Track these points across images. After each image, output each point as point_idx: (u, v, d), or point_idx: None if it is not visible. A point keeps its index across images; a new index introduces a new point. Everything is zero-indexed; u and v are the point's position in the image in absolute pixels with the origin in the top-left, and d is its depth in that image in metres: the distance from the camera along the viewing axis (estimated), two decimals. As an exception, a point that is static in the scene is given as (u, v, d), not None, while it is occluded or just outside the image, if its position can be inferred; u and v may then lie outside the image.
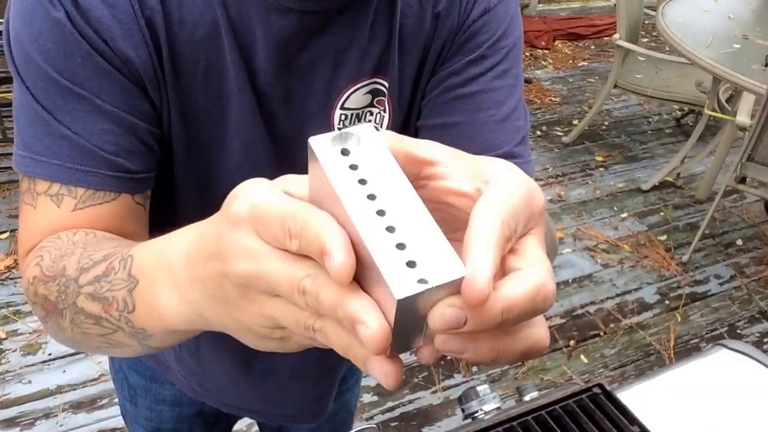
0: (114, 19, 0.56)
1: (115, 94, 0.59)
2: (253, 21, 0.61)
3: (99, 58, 0.57)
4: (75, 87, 0.57)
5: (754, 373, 0.87)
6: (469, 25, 0.68)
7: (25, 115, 0.59)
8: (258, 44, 0.62)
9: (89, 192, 0.59)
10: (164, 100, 0.62)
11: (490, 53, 0.69)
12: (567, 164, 3.44)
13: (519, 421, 0.68)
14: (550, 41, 4.81)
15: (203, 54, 0.61)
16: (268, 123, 0.67)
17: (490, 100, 0.69)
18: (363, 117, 0.71)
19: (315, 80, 0.66)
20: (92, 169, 0.59)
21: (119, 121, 0.59)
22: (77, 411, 1.98)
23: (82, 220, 0.59)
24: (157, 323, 0.46)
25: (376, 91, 0.69)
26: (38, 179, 0.60)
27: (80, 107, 0.58)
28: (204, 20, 0.60)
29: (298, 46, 0.63)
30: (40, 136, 0.58)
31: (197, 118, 0.64)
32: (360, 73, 0.67)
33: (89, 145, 0.58)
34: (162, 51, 0.59)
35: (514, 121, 0.70)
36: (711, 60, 2.52)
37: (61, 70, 0.57)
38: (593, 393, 0.71)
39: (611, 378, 2.24)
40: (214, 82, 0.63)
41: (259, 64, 0.63)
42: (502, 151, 0.68)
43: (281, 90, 0.65)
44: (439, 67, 0.70)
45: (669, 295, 2.62)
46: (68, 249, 0.55)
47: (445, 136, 0.69)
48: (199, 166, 0.68)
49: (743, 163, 2.44)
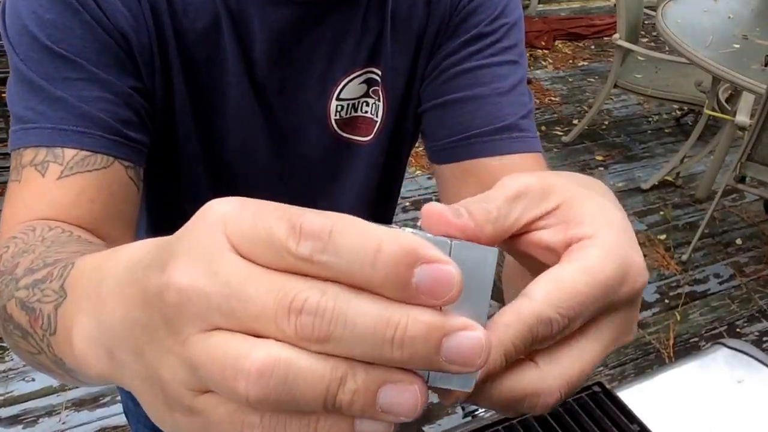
0: (118, 0, 0.57)
1: (111, 66, 0.58)
2: (251, 12, 0.61)
3: (99, 29, 0.56)
4: (70, 54, 0.56)
5: (754, 371, 0.87)
6: (464, 6, 0.68)
7: (17, 89, 0.58)
8: (255, 35, 0.62)
9: (79, 157, 0.56)
10: (159, 86, 0.62)
11: (489, 31, 0.67)
12: (567, 164, 3.44)
13: (519, 420, 0.68)
14: (550, 41, 4.81)
15: (205, 44, 0.62)
16: (266, 114, 0.67)
17: (492, 74, 0.67)
18: (359, 107, 0.71)
19: (310, 71, 0.66)
20: (87, 130, 0.56)
21: (115, 90, 0.58)
22: (80, 409, 1.98)
23: (67, 190, 0.55)
24: (69, 354, 0.34)
25: (370, 80, 0.70)
26: (25, 151, 0.56)
27: (75, 75, 0.56)
28: (205, 10, 0.60)
29: (294, 37, 0.64)
30: (34, 104, 0.56)
31: (201, 107, 0.65)
32: (354, 63, 0.68)
33: (85, 107, 0.56)
34: (168, 39, 0.60)
35: (519, 95, 0.68)
36: (710, 60, 2.52)
37: (57, 39, 0.56)
38: (593, 391, 0.71)
39: (611, 377, 2.25)
40: (215, 72, 0.64)
41: (256, 56, 0.64)
42: (508, 122, 0.66)
43: (277, 81, 0.66)
44: (435, 51, 0.69)
45: (669, 294, 2.62)
46: (33, 245, 0.48)
47: (447, 114, 0.69)
48: (202, 155, 0.69)
49: (743, 162, 2.45)
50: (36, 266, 0.43)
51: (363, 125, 0.72)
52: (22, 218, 0.54)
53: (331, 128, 0.71)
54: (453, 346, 0.22)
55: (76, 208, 0.55)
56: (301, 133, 0.70)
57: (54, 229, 0.52)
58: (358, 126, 0.73)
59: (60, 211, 0.54)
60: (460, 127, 0.68)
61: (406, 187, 2.96)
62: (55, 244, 0.48)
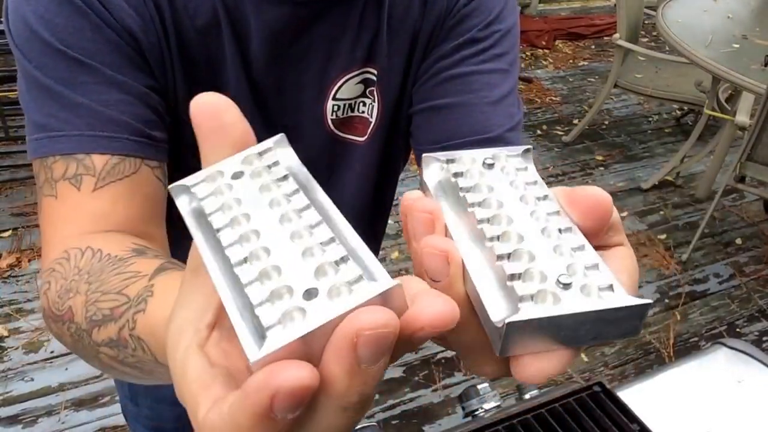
0: (123, 0, 0.56)
1: (125, 66, 0.58)
2: (248, 11, 0.61)
3: (108, 30, 0.56)
4: (85, 59, 0.56)
5: (754, 371, 0.87)
6: (459, 9, 0.67)
7: (33, 96, 0.57)
8: (252, 34, 0.62)
9: (109, 165, 0.57)
10: (171, 84, 0.62)
11: (482, 36, 0.67)
12: (567, 163, 3.44)
13: (519, 419, 0.68)
14: (550, 41, 4.81)
15: (205, 42, 0.62)
16: (263, 113, 0.67)
17: (482, 82, 0.67)
18: (356, 107, 0.71)
19: (307, 71, 0.66)
20: (114, 134, 0.57)
21: (132, 92, 0.58)
22: (79, 408, 1.98)
23: (103, 201, 0.57)
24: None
25: (367, 81, 0.69)
26: (55, 164, 0.57)
27: (91, 79, 0.56)
28: (204, 8, 0.60)
29: (291, 36, 0.64)
30: (55, 111, 0.56)
31: None
32: (351, 63, 0.67)
33: (108, 111, 0.57)
34: (170, 37, 0.60)
35: (508, 106, 0.68)
36: (710, 60, 2.52)
37: (69, 44, 0.55)
38: (593, 391, 0.71)
39: (611, 376, 2.25)
40: (215, 70, 0.63)
41: (253, 55, 0.63)
42: (494, 134, 0.67)
43: (274, 81, 0.66)
44: (429, 52, 0.69)
45: (668, 294, 2.62)
46: (73, 281, 0.51)
47: (435, 119, 0.69)
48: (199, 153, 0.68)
49: (742, 162, 2.45)
50: (94, 317, 0.47)
51: (360, 125, 0.72)
52: (64, 235, 0.56)
53: (328, 128, 0.71)
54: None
55: (114, 215, 0.57)
56: (298, 132, 0.70)
57: (85, 253, 0.53)
58: (354, 126, 0.72)
59: (98, 221, 0.57)
60: (446, 134, 0.68)
61: (408, 186, 2.95)
62: (93, 275, 0.50)
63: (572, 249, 0.28)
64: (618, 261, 0.31)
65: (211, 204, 0.28)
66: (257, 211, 0.27)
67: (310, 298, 0.24)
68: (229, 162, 0.30)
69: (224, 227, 0.27)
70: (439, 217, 0.30)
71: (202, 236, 0.28)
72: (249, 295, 0.24)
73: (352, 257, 0.25)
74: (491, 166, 0.32)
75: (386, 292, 0.24)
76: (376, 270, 0.25)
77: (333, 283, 0.24)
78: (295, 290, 0.24)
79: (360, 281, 0.24)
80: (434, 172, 0.32)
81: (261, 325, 0.24)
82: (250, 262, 0.26)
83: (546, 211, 0.30)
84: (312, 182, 0.30)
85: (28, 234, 2.58)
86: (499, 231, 0.29)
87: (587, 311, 0.26)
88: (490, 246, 0.28)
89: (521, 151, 0.33)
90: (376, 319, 0.22)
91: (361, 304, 0.23)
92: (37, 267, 2.44)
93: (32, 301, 2.30)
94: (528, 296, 0.26)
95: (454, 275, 0.28)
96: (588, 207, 0.30)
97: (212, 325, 0.27)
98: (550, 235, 0.29)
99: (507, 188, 0.31)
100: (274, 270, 0.25)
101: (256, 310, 0.24)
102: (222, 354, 0.27)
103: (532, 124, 3.75)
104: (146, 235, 0.58)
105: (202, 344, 0.27)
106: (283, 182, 0.29)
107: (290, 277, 0.25)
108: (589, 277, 0.27)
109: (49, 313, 0.52)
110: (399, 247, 2.68)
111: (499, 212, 0.29)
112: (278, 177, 0.29)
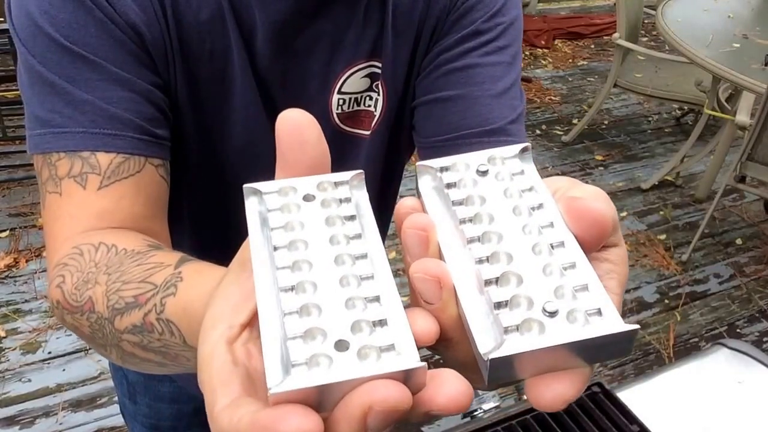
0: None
1: (129, 64, 0.58)
2: (253, 4, 0.61)
3: (112, 26, 0.56)
4: (90, 55, 0.56)
5: (754, 372, 0.87)
6: (463, 2, 0.67)
7: (36, 91, 0.57)
8: (257, 27, 0.62)
9: (114, 164, 0.57)
10: (173, 79, 0.62)
11: (485, 29, 0.67)
12: (567, 163, 3.44)
13: (518, 420, 0.68)
14: (549, 40, 4.81)
15: (208, 35, 0.61)
16: (269, 107, 0.67)
17: (485, 74, 0.67)
18: (362, 101, 0.71)
19: (312, 64, 0.66)
20: (118, 132, 0.57)
21: (137, 89, 0.58)
22: (77, 409, 1.98)
23: (108, 199, 0.57)
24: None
25: (373, 75, 0.69)
26: (59, 161, 0.57)
27: (96, 76, 0.57)
28: (208, 1, 0.60)
29: (295, 29, 0.63)
30: (59, 107, 0.57)
31: (204, 100, 0.65)
32: (356, 57, 0.67)
33: (112, 108, 0.57)
34: (172, 31, 0.60)
35: (510, 99, 0.68)
36: (710, 59, 2.52)
37: (74, 40, 0.55)
38: (593, 392, 0.71)
39: (610, 377, 2.25)
40: (219, 64, 0.63)
41: (258, 48, 0.63)
42: (497, 126, 0.67)
43: (279, 74, 0.66)
44: (432, 45, 0.69)
45: (668, 294, 2.62)
46: (91, 273, 0.52)
47: (437, 111, 0.69)
48: (204, 148, 0.68)
49: (743, 162, 2.44)
50: (117, 305, 0.48)
51: (366, 119, 0.72)
52: (70, 231, 0.56)
53: (333, 122, 0.71)
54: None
55: (119, 213, 0.58)
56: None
57: (100, 249, 0.54)
58: (360, 120, 0.72)
59: (104, 218, 0.57)
60: (449, 126, 0.68)
61: (412, 180, 2.95)
62: (112, 267, 0.51)
63: (563, 267, 0.28)
64: (609, 264, 0.31)
65: (277, 219, 0.29)
66: (317, 241, 0.29)
67: (340, 350, 0.25)
68: (303, 182, 0.31)
69: (282, 247, 0.28)
70: (432, 235, 0.30)
71: (258, 243, 0.29)
72: (285, 325, 0.26)
73: (390, 322, 0.26)
74: (485, 173, 0.32)
75: (410, 370, 0.25)
76: (407, 343, 0.26)
77: (365, 344, 0.25)
78: (328, 336, 0.26)
79: (390, 351, 0.25)
80: (428, 182, 0.33)
81: (288, 358, 0.25)
82: (296, 292, 0.27)
83: (539, 224, 0.30)
84: (373, 227, 0.30)
85: (26, 235, 2.58)
86: (489, 252, 0.29)
87: (572, 342, 0.26)
88: (479, 269, 0.29)
89: (518, 151, 0.33)
90: (392, 396, 0.24)
91: (384, 374, 0.24)
92: (35, 268, 2.43)
93: (30, 302, 2.30)
94: (513, 327, 0.26)
95: (446, 300, 0.29)
96: (588, 224, 0.30)
97: (245, 325, 0.29)
98: (541, 252, 0.29)
99: (500, 199, 0.31)
100: (315, 308, 0.26)
101: (288, 342, 0.25)
102: (246, 354, 0.28)
103: (531, 124, 3.75)
104: (150, 232, 0.59)
105: (231, 341, 0.28)
106: (348, 222, 0.30)
107: (328, 322, 0.26)
108: (578, 300, 0.27)
109: (66, 305, 0.53)
110: (396, 247, 2.67)
111: (490, 228, 0.30)
112: (346, 215, 0.30)
